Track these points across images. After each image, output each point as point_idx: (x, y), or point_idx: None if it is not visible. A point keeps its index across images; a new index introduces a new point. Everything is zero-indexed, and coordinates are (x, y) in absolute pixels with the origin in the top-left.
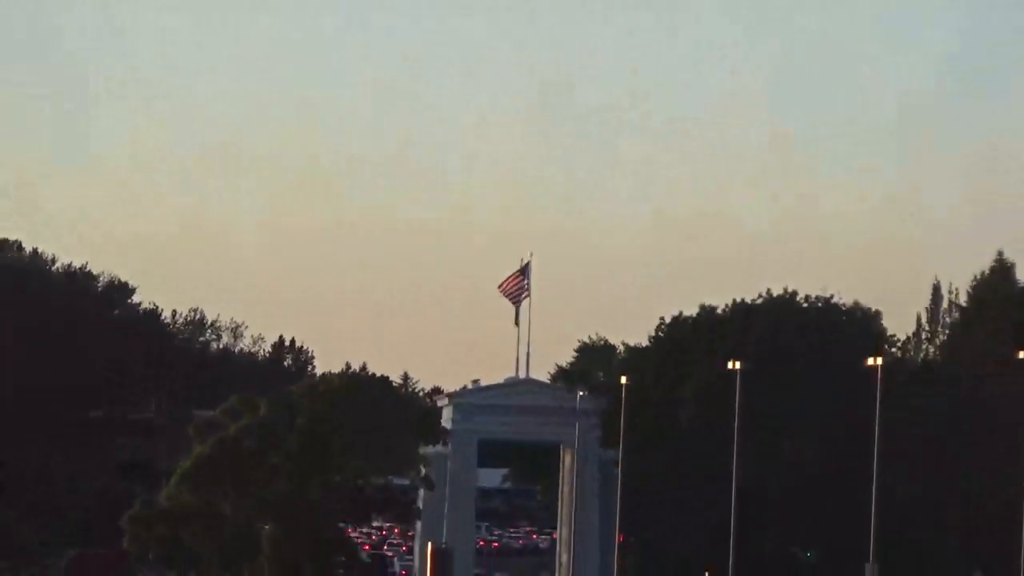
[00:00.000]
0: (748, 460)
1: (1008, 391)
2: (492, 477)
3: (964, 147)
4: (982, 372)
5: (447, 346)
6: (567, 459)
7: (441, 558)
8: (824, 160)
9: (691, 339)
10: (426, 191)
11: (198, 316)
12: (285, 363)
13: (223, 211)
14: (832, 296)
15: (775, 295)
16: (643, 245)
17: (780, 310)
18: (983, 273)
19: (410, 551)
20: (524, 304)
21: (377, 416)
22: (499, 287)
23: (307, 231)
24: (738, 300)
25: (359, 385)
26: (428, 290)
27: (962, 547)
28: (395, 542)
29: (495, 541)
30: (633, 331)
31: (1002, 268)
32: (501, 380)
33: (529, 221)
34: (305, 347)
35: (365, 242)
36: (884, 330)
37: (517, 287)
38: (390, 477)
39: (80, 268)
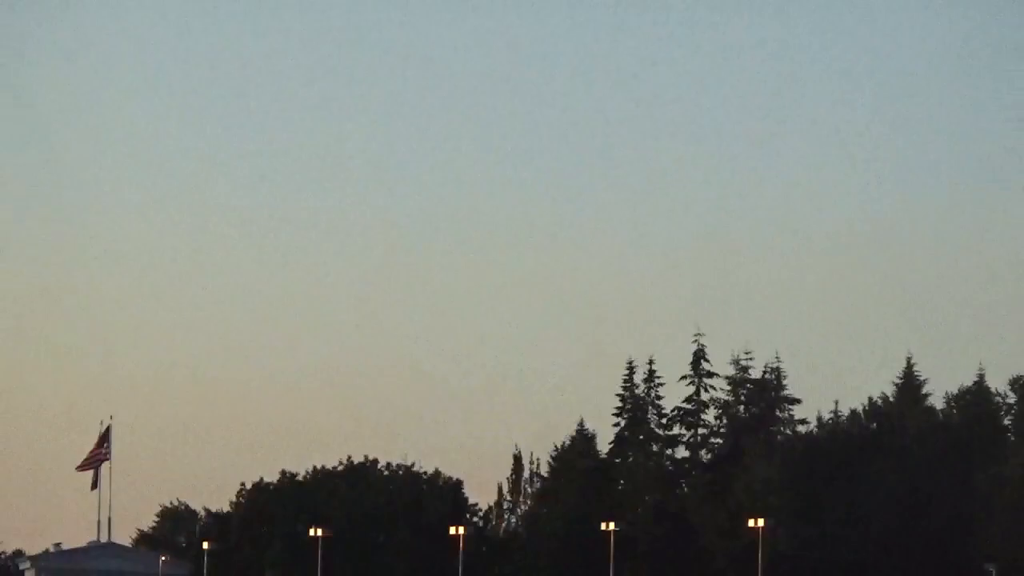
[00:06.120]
0: None
1: (591, 560)
2: None
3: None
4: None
5: (28, 508)
6: None
7: None
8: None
9: (273, 504)
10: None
11: None
12: None
13: None
14: (413, 464)
15: (356, 462)
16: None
17: (362, 477)
18: (564, 443)
19: None
20: (105, 468)
21: None
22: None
23: None
24: (319, 467)
25: None
26: (5, 453)
27: None
28: None
29: None
30: (215, 496)
31: (583, 438)
32: (84, 543)
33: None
34: None
35: None
36: (466, 499)
37: (93, 457)
38: None
39: None
